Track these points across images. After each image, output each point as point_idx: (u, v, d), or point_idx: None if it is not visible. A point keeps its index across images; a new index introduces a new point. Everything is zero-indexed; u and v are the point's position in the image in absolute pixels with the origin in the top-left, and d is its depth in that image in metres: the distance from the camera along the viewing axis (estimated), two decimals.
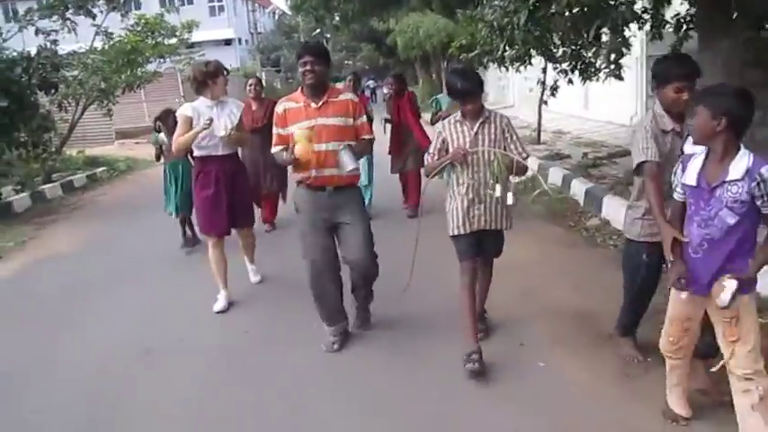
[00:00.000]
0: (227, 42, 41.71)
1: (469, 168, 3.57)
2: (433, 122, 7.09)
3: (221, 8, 41.79)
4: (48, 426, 3.45)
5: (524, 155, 3.62)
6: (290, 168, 4.00)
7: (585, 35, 5.96)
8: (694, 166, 2.56)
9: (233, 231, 5.13)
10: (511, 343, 3.93)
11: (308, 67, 3.70)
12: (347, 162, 3.67)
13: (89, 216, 9.46)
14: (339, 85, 6.72)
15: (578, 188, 7.51)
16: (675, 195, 2.72)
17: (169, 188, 6.58)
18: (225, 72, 4.80)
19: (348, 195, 3.92)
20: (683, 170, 2.62)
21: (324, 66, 3.76)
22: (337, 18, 30.23)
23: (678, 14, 6.99)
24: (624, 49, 6.04)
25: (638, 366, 3.51)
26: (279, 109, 3.89)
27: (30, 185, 10.90)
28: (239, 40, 44.29)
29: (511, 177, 3.61)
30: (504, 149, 3.55)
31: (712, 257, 2.54)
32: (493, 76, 23.46)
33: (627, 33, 6.72)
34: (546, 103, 10.73)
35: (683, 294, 2.68)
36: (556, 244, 5.98)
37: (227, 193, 4.83)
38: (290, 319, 4.58)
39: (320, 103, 3.77)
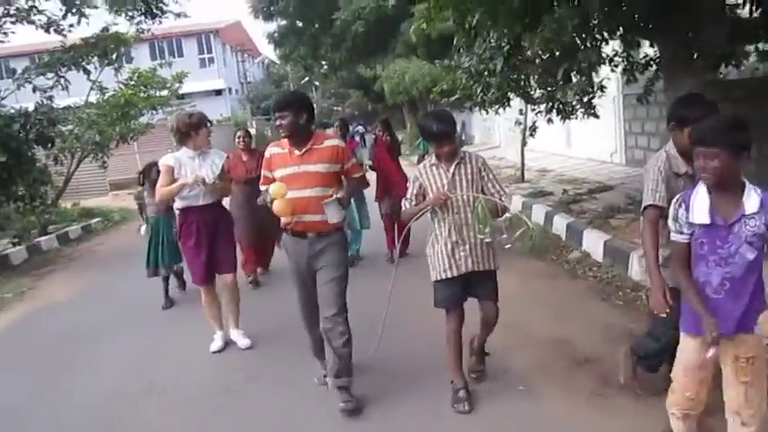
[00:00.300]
0: (218, 92, 42.25)
1: (450, 210, 3.56)
2: (419, 164, 7.16)
3: (211, 60, 42.48)
4: None
5: (501, 193, 3.63)
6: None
7: (556, 78, 6.31)
8: (701, 203, 2.43)
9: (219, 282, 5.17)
10: (495, 369, 4.14)
11: (278, 123, 3.80)
12: (332, 215, 3.72)
13: (85, 266, 9.64)
14: (329, 131, 7.01)
15: (560, 223, 7.80)
16: (678, 237, 2.55)
17: (151, 244, 6.57)
18: (208, 124, 4.88)
19: (329, 241, 3.89)
20: (687, 209, 2.47)
21: (295, 115, 3.73)
22: (325, 66, 31.09)
23: (647, 56, 7.42)
24: (595, 90, 6.42)
25: (612, 387, 3.73)
26: (267, 153, 3.99)
27: (26, 238, 11.12)
28: (229, 90, 44.90)
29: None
30: (482, 189, 3.58)
31: (736, 296, 2.45)
32: (478, 118, 24.02)
33: (601, 74, 7.13)
34: (526, 143, 11.09)
35: (697, 340, 2.53)
36: (538, 277, 6.22)
37: (207, 241, 4.90)
38: (285, 357, 4.74)
39: (303, 151, 3.80)
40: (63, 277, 8.92)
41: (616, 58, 7.40)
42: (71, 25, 10.35)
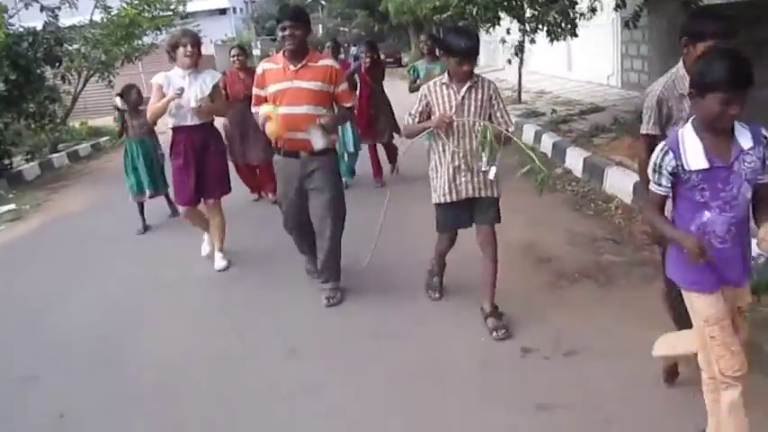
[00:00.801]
0: (222, 12, 41.85)
1: (455, 135, 3.46)
2: (411, 91, 6.80)
3: None
4: (65, 343, 4.15)
5: (509, 123, 3.54)
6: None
7: None
8: (694, 148, 2.21)
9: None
10: (469, 265, 4.62)
11: (287, 32, 3.74)
12: (317, 141, 3.79)
13: (96, 181, 10.10)
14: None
15: (547, 142, 8.17)
16: (657, 189, 2.32)
17: (128, 166, 6.38)
18: (188, 43, 4.68)
19: (321, 162, 3.95)
20: (677, 156, 2.23)
21: (303, 30, 3.80)
22: None
23: None
24: (577, 12, 6.67)
25: (567, 279, 4.23)
26: (259, 70, 3.99)
27: (38, 155, 11.57)
28: (234, 9, 44.41)
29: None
30: (490, 117, 3.48)
31: (740, 241, 2.29)
32: (483, 41, 23.86)
33: None
34: (510, 62, 11.27)
35: (711, 296, 2.30)
36: (516, 191, 6.63)
37: (195, 163, 4.88)
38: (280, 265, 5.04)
39: (298, 66, 3.81)
40: (75, 191, 9.41)
41: None
42: None
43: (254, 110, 4.07)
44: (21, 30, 9.91)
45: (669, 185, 2.30)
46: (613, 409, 2.85)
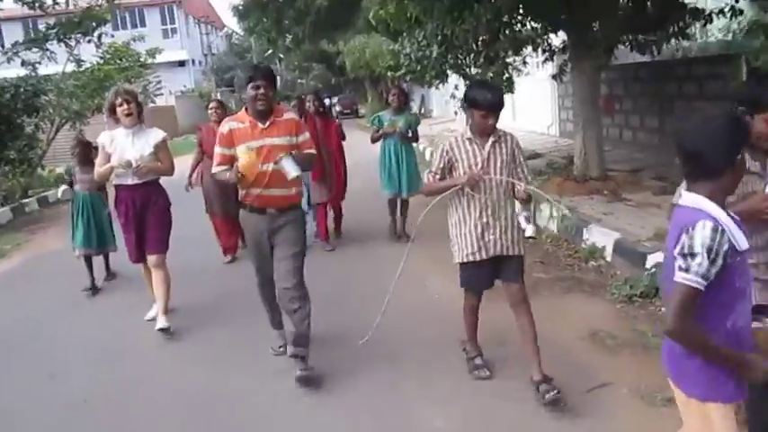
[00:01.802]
0: (181, 64, 42.34)
1: (483, 191, 3.36)
2: (373, 140, 7.07)
3: (174, 30, 42.61)
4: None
5: (529, 179, 3.52)
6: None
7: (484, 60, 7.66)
8: (732, 224, 1.83)
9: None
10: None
11: (261, 91, 3.74)
12: (290, 169, 3.70)
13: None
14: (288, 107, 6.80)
15: None
16: (699, 282, 1.79)
17: (75, 219, 6.14)
18: (124, 101, 4.64)
19: (288, 218, 3.94)
20: (729, 236, 1.81)
21: (273, 89, 3.85)
22: (289, 40, 31.83)
23: (564, 41, 8.79)
24: (511, 70, 7.80)
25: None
26: (224, 129, 3.90)
27: (11, 200, 12.07)
28: (192, 62, 45.09)
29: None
30: (513, 173, 3.43)
31: None
32: (437, 93, 25.30)
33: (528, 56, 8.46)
34: (456, 113, 12.39)
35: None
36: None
37: (135, 220, 4.88)
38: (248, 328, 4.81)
39: (267, 124, 3.82)
40: (54, 232, 9.92)
41: (538, 41, 8.76)
42: (55, 2, 11.28)
43: (215, 169, 4.01)
44: (4, 82, 10.57)
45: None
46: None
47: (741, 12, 6.11)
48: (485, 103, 3.30)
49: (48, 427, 3.81)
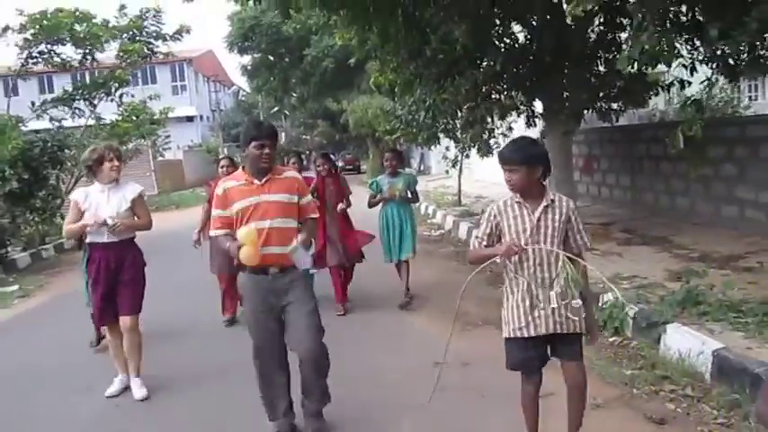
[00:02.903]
0: (189, 119, 43.71)
1: (531, 261, 3.04)
2: (370, 206, 6.82)
3: (183, 87, 44.31)
4: None
5: (588, 245, 3.20)
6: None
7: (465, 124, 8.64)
8: None
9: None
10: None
11: (266, 151, 3.63)
12: (300, 260, 3.66)
13: None
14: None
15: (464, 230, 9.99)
16: None
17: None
18: (113, 157, 4.60)
19: (292, 277, 3.74)
20: None
21: (275, 149, 3.74)
22: (295, 98, 33.29)
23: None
24: (493, 134, 8.76)
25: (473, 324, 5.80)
26: (218, 191, 3.76)
27: (32, 246, 12.91)
28: (201, 117, 46.58)
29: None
30: (566, 239, 3.11)
31: None
32: (436, 151, 26.48)
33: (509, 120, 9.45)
34: (447, 172, 13.45)
35: None
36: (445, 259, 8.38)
37: (107, 280, 4.68)
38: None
39: (264, 180, 3.68)
40: (73, 275, 10.60)
41: (521, 107, 9.74)
42: (82, 63, 12.41)
43: (212, 233, 3.89)
44: (33, 137, 11.58)
45: None
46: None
47: (690, 83, 7.03)
48: (501, 158, 3.15)
49: None
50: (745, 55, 6.27)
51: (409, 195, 6.83)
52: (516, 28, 8.36)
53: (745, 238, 7.36)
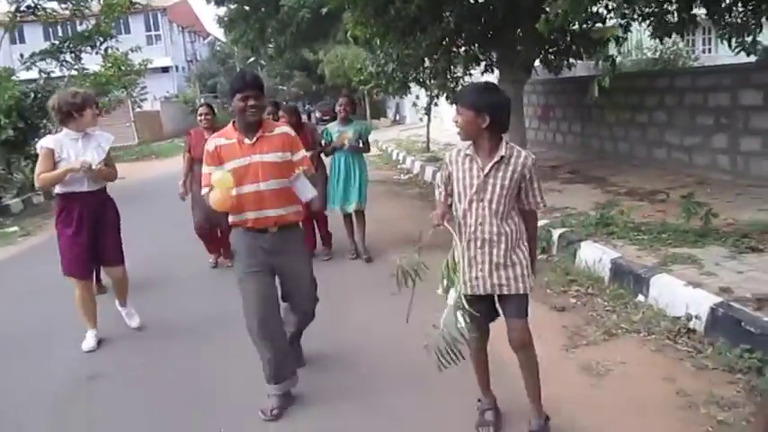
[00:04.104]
0: (165, 70, 43.64)
1: (471, 220, 2.89)
2: (326, 155, 6.71)
3: (158, 37, 44.11)
4: None
5: (541, 204, 2.98)
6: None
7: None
8: None
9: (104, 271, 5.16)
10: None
11: (251, 102, 3.38)
12: (305, 191, 3.51)
13: None
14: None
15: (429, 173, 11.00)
16: None
17: None
18: (94, 104, 4.57)
19: (291, 235, 3.63)
20: None
21: (263, 100, 3.53)
22: (271, 48, 33.53)
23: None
24: (453, 83, 9.70)
25: None
26: (210, 146, 3.53)
27: (23, 192, 13.66)
28: (176, 68, 46.50)
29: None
30: (518, 195, 2.92)
31: None
32: (409, 101, 27.27)
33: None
34: (420, 119, 14.41)
35: None
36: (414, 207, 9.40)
37: (89, 231, 4.59)
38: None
39: (255, 139, 3.47)
40: None
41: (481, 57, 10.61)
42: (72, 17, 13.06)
43: (204, 191, 3.61)
44: (25, 88, 12.24)
45: None
46: None
47: (626, 39, 8.00)
48: (455, 101, 2.97)
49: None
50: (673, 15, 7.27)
51: (360, 145, 6.64)
52: None
53: (670, 176, 8.44)
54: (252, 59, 45.48)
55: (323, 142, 6.60)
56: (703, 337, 4.02)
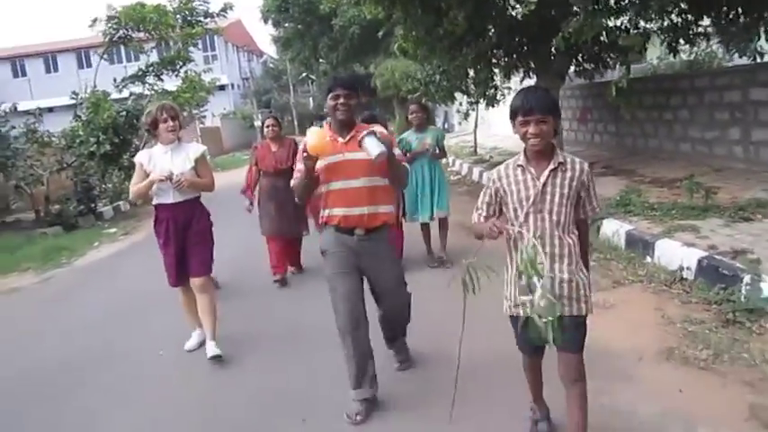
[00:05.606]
0: (221, 88, 45.85)
1: (532, 232, 2.61)
2: (409, 163, 5.62)
3: (214, 57, 46.48)
4: None
5: (597, 209, 2.83)
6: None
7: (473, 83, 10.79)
8: None
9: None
10: None
11: (340, 101, 3.48)
12: (373, 147, 3.28)
13: None
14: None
15: (477, 173, 12.17)
16: None
17: None
18: (168, 118, 4.52)
19: (378, 238, 3.66)
20: None
21: (355, 99, 3.54)
22: (323, 64, 35.20)
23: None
24: (492, 90, 10.93)
25: None
26: (301, 146, 3.52)
27: (116, 200, 15.44)
28: (232, 86, 48.77)
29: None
30: (577, 205, 2.74)
31: None
32: (456, 108, 28.40)
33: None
34: (460, 123, 15.67)
35: None
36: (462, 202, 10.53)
37: (176, 241, 4.69)
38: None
39: (348, 138, 3.53)
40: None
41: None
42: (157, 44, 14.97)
43: (293, 182, 3.66)
44: (119, 107, 14.03)
45: None
46: None
47: (646, 49, 9.07)
48: (524, 109, 2.63)
49: None
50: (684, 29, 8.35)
51: (437, 151, 6.48)
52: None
53: (692, 167, 9.39)
54: (303, 75, 47.43)
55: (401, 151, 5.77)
56: (692, 283, 5.12)
